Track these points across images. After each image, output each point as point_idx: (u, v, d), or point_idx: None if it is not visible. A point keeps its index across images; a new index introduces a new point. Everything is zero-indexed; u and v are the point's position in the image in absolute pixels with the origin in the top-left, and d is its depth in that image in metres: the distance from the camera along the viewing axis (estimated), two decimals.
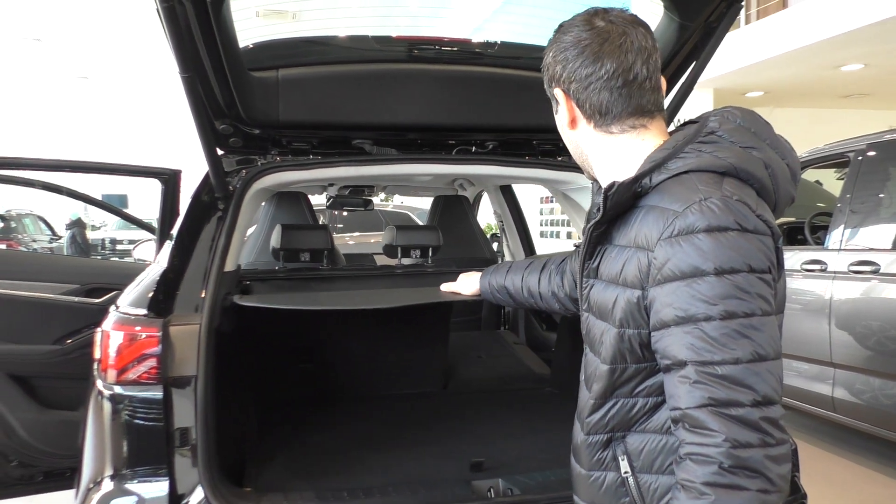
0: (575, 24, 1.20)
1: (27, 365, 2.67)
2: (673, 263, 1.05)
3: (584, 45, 1.17)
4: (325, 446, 2.47)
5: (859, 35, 8.56)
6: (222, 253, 2.02)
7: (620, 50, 1.16)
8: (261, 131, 2.33)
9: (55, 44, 13.58)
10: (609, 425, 1.21)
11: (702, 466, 1.00)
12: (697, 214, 1.04)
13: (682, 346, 1.03)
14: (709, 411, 1.00)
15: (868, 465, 4.20)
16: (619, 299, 1.15)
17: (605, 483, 1.23)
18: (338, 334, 3.01)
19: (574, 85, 1.20)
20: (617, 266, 1.16)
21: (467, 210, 4.07)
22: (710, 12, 2.02)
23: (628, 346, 1.15)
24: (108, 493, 1.80)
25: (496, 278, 1.95)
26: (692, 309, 1.03)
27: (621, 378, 1.17)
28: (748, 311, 1.01)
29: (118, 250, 15.85)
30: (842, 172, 4.88)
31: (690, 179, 1.09)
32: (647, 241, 1.09)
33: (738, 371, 1.00)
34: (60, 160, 3.31)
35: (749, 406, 0.99)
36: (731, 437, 0.98)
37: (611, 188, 1.13)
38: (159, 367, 1.80)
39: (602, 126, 1.21)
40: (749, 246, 1.04)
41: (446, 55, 2.41)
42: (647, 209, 1.12)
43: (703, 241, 1.03)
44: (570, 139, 1.30)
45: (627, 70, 1.16)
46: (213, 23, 1.81)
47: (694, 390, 1.01)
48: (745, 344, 1.00)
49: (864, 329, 3.94)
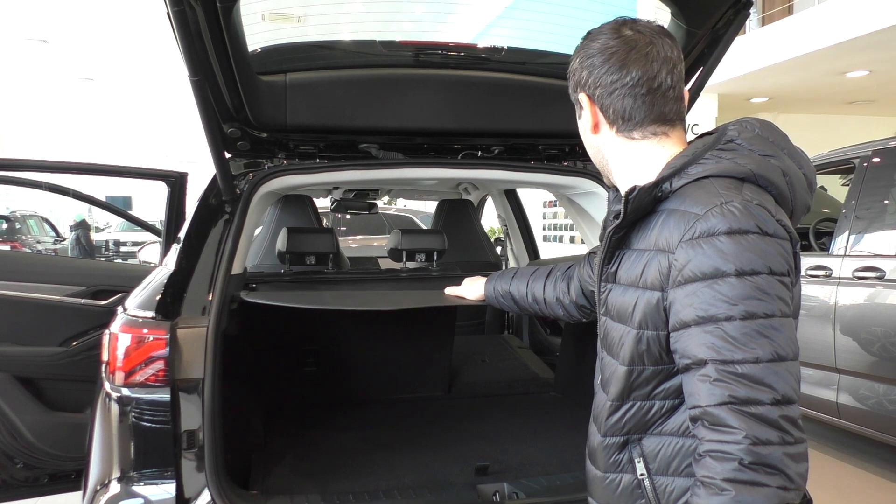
0: (603, 31, 1.23)
1: (33, 367, 2.67)
2: (694, 265, 1.07)
3: (612, 52, 1.20)
4: (331, 449, 2.47)
5: (864, 42, 8.55)
6: (229, 256, 2.03)
7: (646, 59, 1.19)
8: (268, 135, 2.34)
9: (61, 45, 13.64)
10: (626, 427, 1.22)
11: (722, 463, 1.01)
12: (719, 217, 1.06)
13: (703, 345, 1.05)
14: (729, 409, 1.01)
15: (873, 470, 4.18)
16: (638, 302, 1.17)
17: (622, 485, 1.24)
18: (343, 338, 3.02)
19: (599, 90, 1.23)
20: (637, 269, 1.18)
21: (472, 214, 4.07)
22: (718, 19, 2.03)
23: (646, 348, 1.17)
24: (115, 496, 1.80)
25: (501, 284, 1.96)
26: (713, 309, 1.04)
27: (639, 380, 1.19)
28: (768, 311, 1.03)
29: (122, 252, 15.89)
30: (846, 178, 4.88)
31: (711, 184, 1.12)
32: (668, 243, 1.12)
33: (758, 370, 1.01)
34: (67, 162, 3.32)
35: (769, 404, 1.01)
36: (751, 434, 1.00)
37: (632, 192, 1.15)
38: (167, 369, 1.80)
39: (624, 131, 1.24)
40: (769, 249, 1.06)
41: (452, 60, 2.41)
42: (668, 213, 1.14)
43: (724, 244, 1.05)
44: (591, 143, 1.32)
45: (652, 78, 1.19)
46: (223, 27, 1.82)
47: (714, 388, 1.03)
48: (765, 344, 1.02)
49: (868, 335, 3.93)
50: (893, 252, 3.85)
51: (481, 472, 2.15)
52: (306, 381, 3.02)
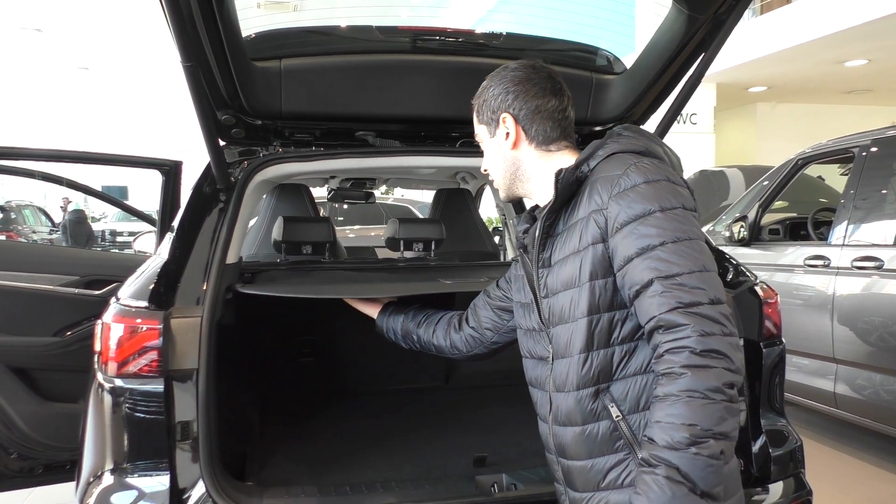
0: (525, 66, 1.55)
1: (27, 357, 2.65)
2: (626, 211, 1.31)
3: (534, 82, 1.52)
4: (327, 440, 2.46)
5: (863, 31, 8.53)
6: (224, 245, 2.00)
7: (561, 93, 1.54)
8: (263, 122, 2.31)
9: (56, 34, 13.55)
10: (595, 375, 1.39)
11: (677, 355, 1.22)
12: (636, 172, 1.34)
13: (647, 269, 1.27)
14: (678, 312, 1.23)
15: (871, 461, 4.19)
16: (584, 261, 1.38)
17: (600, 432, 1.40)
18: (340, 327, 3.00)
19: (523, 112, 1.52)
20: (574, 239, 1.40)
21: (470, 203, 4.04)
22: (720, 5, 2.00)
23: (601, 294, 1.37)
24: (108, 487, 1.78)
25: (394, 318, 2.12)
26: (648, 240, 1.28)
27: (597, 328, 1.38)
28: (691, 235, 1.29)
29: (118, 242, 15.85)
30: (845, 168, 4.86)
31: (619, 156, 1.39)
32: (600, 203, 1.36)
33: (693, 279, 1.25)
34: (61, 150, 3.29)
35: (707, 304, 1.24)
36: (698, 328, 1.21)
37: (559, 173, 1.42)
38: (160, 359, 1.78)
39: (542, 146, 1.54)
40: (679, 191, 1.34)
41: (450, 46, 2.38)
42: (592, 183, 1.39)
43: (645, 189, 1.31)
44: (506, 157, 1.57)
45: (564, 108, 1.54)
46: (216, 11, 1.78)
47: (663, 299, 1.25)
48: (694, 257, 1.27)
49: (866, 325, 3.93)
50: (892, 242, 3.84)
51: (479, 463, 2.14)
52: (302, 371, 3.01)
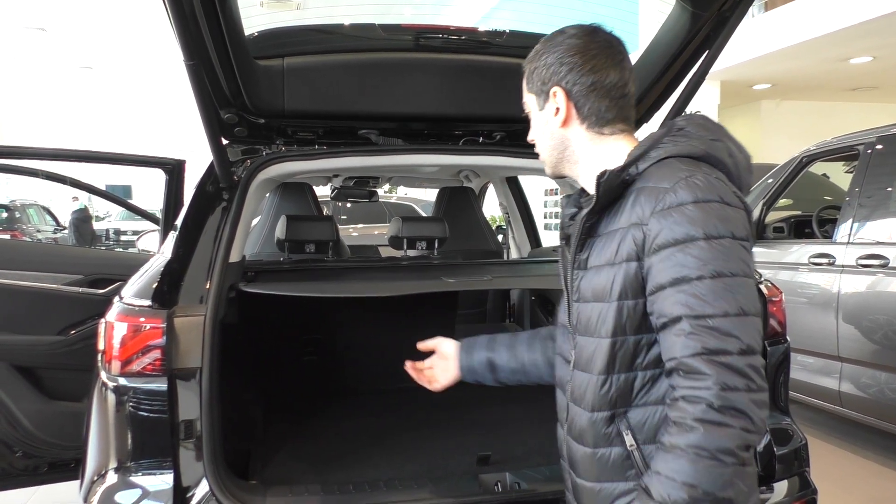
0: (582, 33, 1.35)
1: (31, 356, 2.65)
2: (667, 232, 1.17)
3: (593, 54, 1.33)
4: (331, 439, 2.46)
5: (868, 27, 8.48)
6: (227, 243, 2.00)
7: (622, 67, 1.34)
8: (266, 121, 2.31)
9: (59, 34, 13.57)
10: (613, 400, 1.28)
11: (693, 405, 1.10)
12: (685, 189, 1.18)
13: (677, 303, 1.15)
14: (702, 359, 1.11)
15: (876, 459, 4.18)
16: (616, 276, 1.25)
17: (612, 458, 1.29)
18: (343, 326, 3.00)
19: (577, 87, 1.34)
20: (610, 250, 1.27)
21: (473, 202, 4.04)
22: (724, 2, 1.99)
23: (628, 316, 1.25)
24: (112, 486, 1.78)
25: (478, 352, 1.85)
26: (685, 270, 1.15)
27: (621, 351, 1.26)
28: (733, 271, 1.15)
29: (122, 241, 15.88)
30: (850, 165, 4.84)
31: (672, 163, 1.23)
32: (641, 217, 1.22)
33: (726, 323, 1.12)
34: (65, 150, 3.29)
35: (736, 354, 1.11)
36: (720, 380, 1.09)
37: (602, 175, 1.26)
38: (164, 358, 1.78)
39: (595, 127, 1.36)
40: (731, 216, 1.18)
41: (453, 44, 2.38)
42: (638, 191, 1.24)
43: (692, 212, 1.16)
44: (554, 134, 1.40)
45: (625, 85, 1.35)
46: (219, 9, 1.78)
47: (689, 341, 1.13)
48: (732, 300, 1.13)
49: (871, 323, 3.91)
50: None
51: (483, 462, 2.14)
52: (306, 370, 3.01)
